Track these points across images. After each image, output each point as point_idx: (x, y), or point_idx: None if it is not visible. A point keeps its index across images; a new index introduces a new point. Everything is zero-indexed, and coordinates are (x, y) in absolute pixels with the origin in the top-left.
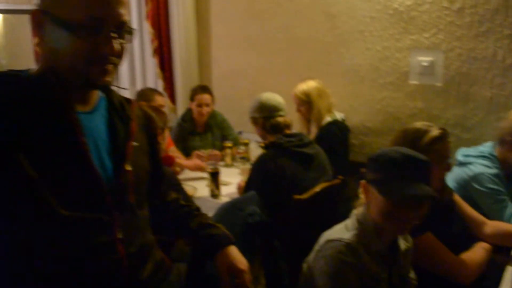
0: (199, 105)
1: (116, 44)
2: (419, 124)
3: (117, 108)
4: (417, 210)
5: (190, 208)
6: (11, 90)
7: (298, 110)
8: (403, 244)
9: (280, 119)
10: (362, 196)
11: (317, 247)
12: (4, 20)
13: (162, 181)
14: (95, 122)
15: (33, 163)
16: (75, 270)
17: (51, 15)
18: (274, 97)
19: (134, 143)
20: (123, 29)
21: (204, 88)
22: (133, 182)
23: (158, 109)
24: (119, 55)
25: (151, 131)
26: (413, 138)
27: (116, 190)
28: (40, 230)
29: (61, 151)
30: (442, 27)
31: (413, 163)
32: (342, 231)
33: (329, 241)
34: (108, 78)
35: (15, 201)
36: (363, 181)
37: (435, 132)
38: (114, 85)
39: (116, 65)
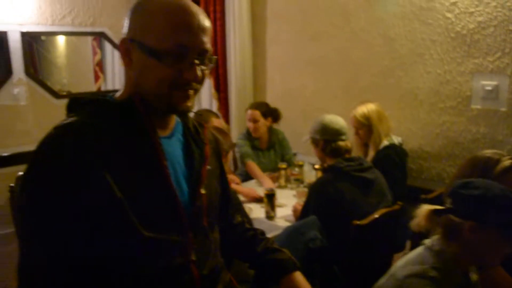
0: (249, 120)
1: (198, 71)
2: (489, 153)
3: (192, 132)
4: None
5: (255, 232)
6: (100, 115)
7: (356, 134)
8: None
9: (341, 144)
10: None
11: (395, 282)
12: (67, 41)
13: (230, 204)
14: (173, 147)
15: (118, 184)
16: None
17: (139, 43)
18: (337, 120)
19: (208, 167)
20: (205, 56)
21: (253, 104)
22: (206, 205)
23: (223, 131)
24: (201, 81)
25: (219, 154)
26: (483, 167)
27: (192, 213)
28: (121, 249)
29: (144, 174)
30: (508, 51)
31: None
32: (419, 265)
33: (411, 276)
34: (188, 103)
35: (101, 219)
36: (472, 223)
37: (507, 162)
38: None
39: (196, 91)
